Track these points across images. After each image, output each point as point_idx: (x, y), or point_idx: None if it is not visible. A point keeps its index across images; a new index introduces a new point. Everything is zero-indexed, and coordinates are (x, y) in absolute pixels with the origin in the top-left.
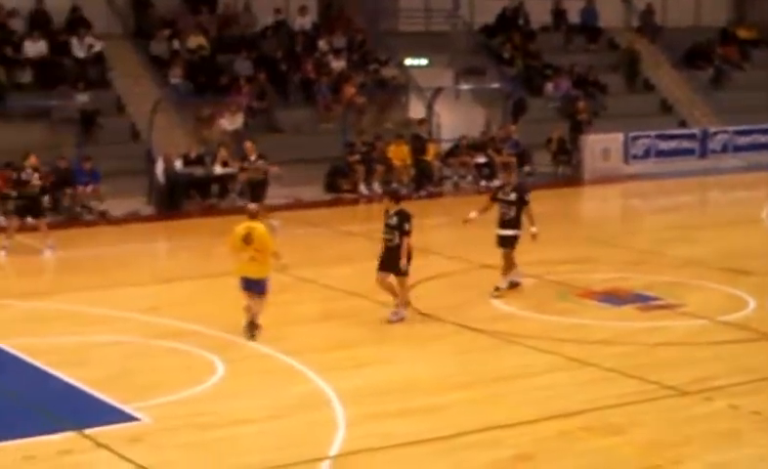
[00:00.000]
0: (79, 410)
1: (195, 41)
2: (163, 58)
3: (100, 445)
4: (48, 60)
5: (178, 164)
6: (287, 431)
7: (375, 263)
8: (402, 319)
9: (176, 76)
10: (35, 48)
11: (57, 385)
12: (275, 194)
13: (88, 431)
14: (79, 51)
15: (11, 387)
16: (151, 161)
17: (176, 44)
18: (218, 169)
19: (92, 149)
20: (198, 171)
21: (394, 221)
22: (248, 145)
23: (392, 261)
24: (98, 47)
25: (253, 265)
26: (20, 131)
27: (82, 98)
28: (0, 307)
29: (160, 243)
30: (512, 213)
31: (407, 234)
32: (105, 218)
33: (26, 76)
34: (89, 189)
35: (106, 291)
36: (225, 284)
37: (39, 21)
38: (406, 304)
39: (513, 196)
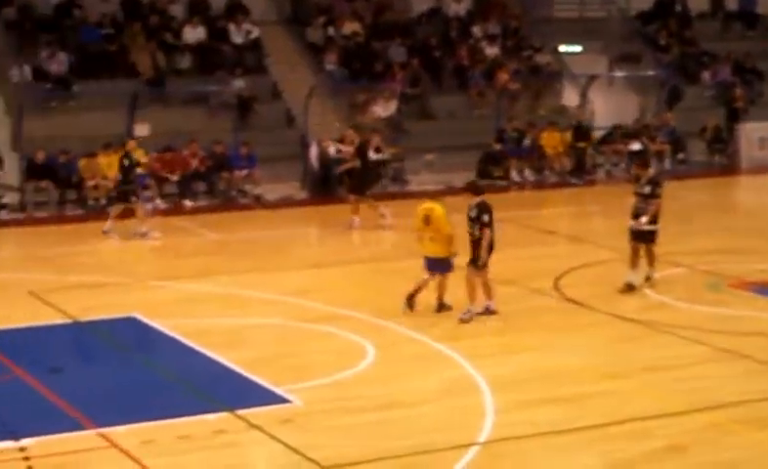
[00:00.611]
0: (233, 392)
1: (351, 28)
2: (319, 44)
3: (252, 425)
4: (206, 46)
5: (332, 150)
6: (436, 416)
7: (522, 250)
8: (471, 319)
9: (331, 63)
10: (194, 34)
11: (211, 366)
12: (428, 181)
13: (241, 412)
14: (237, 37)
15: (167, 367)
16: (306, 147)
17: (331, 31)
18: (371, 154)
19: (248, 135)
20: None
21: (474, 213)
22: (348, 132)
23: (473, 254)
24: (255, 33)
25: (432, 244)
26: (178, 116)
27: (239, 83)
28: (156, 288)
29: (313, 228)
30: (648, 207)
31: (487, 225)
32: (259, 202)
33: (185, 62)
34: (244, 173)
35: (259, 274)
36: (376, 269)
37: (198, 8)
38: (491, 296)
39: (647, 189)
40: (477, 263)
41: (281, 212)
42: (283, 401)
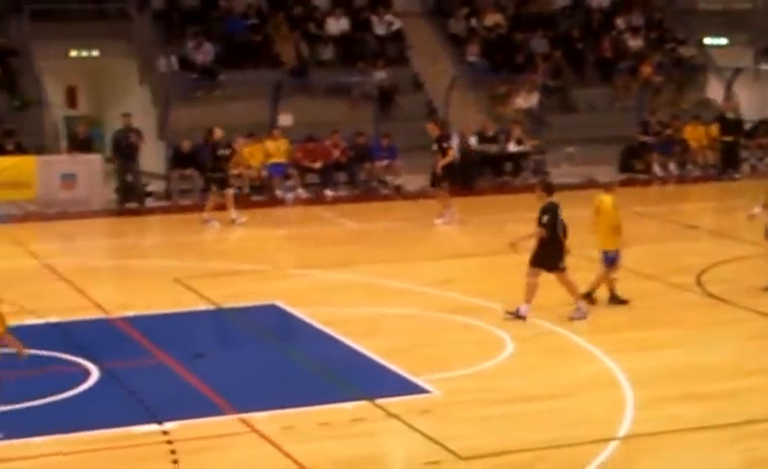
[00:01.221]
0: (371, 380)
1: (493, 19)
2: (461, 36)
3: (390, 414)
4: (349, 37)
5: (472, 141)
6: (574, 410)
7: (664, 245)
8: (583, 316)
9: (473, 54)
10: (337, 25)
11: (350, 355)
12: (567, 173)
13: (379, 401)
14: (379, 28)
15: (308, 355)
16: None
17: (474, 22)
18: (512, 147)
19: (389, 126)
20: (492, 148)
21: (539, 213)
22: (430, 125)
23: (539, 256)
24: (397, 25)
25: (597, 237)
26: (321, 106)
27: (381, 75)
28: (297, 276)
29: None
30: None
31: (544, 226)
32: (399, 192)
33: (328, 53)
34: (385, 163)
35: (399, 264)
36: (517, 261)
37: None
38: (577, 297)
39: None
40: (550, 267)
41: (421, 203)
42: (422, 391)
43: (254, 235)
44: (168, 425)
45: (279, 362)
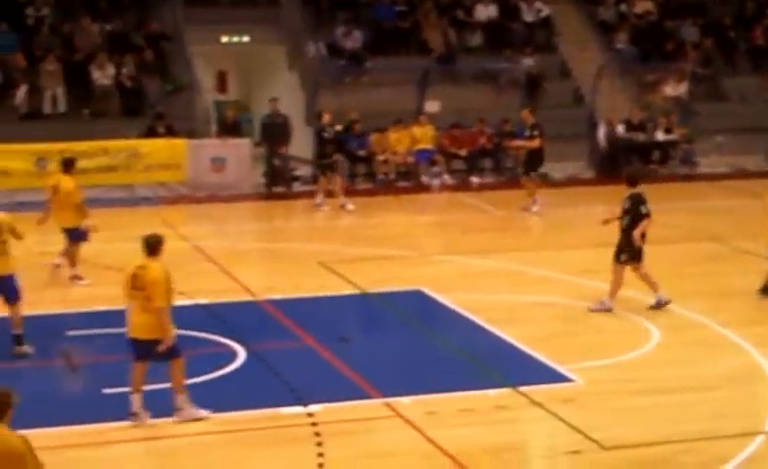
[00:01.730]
0: (515, 368)
1: (643, 6)
2: (610, 23)
3: (534, 403)
4: (497, 23)
5: (620, 129)
6: (720, 402)
7: None
8: (608, 309)
9: (621, 41)
10: (486, 12)
11: (494, 342)
12: (716, 163)
13: (523, 388)
14: (528, 15)
15: (451, 341)
16: (593, 126)
17: (623, 9)
18: (660, 135)
19: (536, 113)
20: (640, 137)
21: (626, 204)
22: (525, 113)
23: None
24: (546, 12)
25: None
26: (468, 93)
27: (528, 61)
28: (442, 263)
29: (599, 207)
30: None
31: (645, 216)
32: (545, 180)
33: (476, 39)
34: None
35: (544, 252)
36: (663, 252)
37: None
38: (611, 295)
39: None
40: (616, 257)
41: (567, 190)
42: (566, 379)
43: (399, 221)
44: (313, 407)
45: (423, 347)
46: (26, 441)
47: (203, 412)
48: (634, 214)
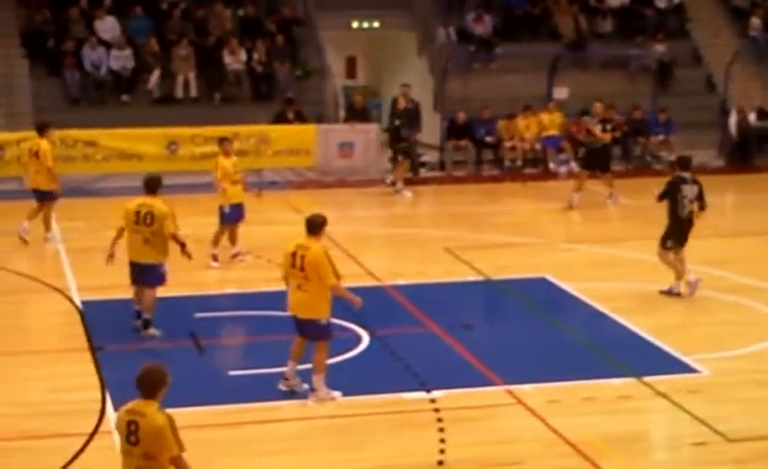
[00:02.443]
0: (639, 358)
1: None
2: (743, 9)
3: (658, 393)
4: (629, 9)
5: (752, 117)
6: None
7: None
8: (678, 294)
9: (755, 28)
10: None
11: (618, 331)
12: None
13: (647, 379)
14: (660, 1)
15: (575, 329)
16: (725, 114)
17: None
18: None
19: (666, 100)
20: None
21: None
22: (599, 105)
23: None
24: None
25: None
26: (597, 80)
27: (660, 48)
28: (568, 250)
29: (729, 196)
30: None
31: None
32: (674, 169)
33: (607, 26)
34: (661, 139)
35: None
36: None
37: None
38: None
39: None
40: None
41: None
42: (691, 370)
43: (526, 208)
44: (436, 393)
45: (547, 335)
46: (170, 419)
47: (337, 394)
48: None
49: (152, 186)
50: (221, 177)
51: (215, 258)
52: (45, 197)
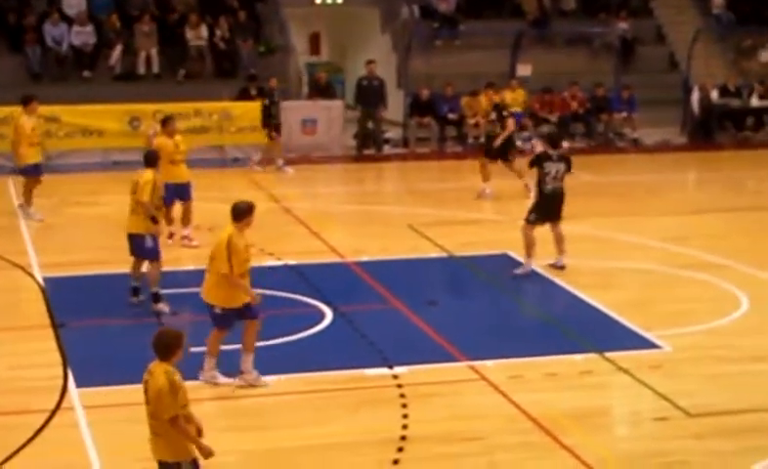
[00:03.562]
0: (601, 334)
1: None
2: None
3: (620, 368)
4: None
5: (714, 95)
6: None
7: None
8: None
9: (718, 6)
10: None
11: (580, 307)
12: None
13: (609, 354)
14: None
15: (536, 305)
16: (687, 91)
17: None
18: (755, 101)
19: (629, 77)
20: (735, 103)
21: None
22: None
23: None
24: None
25: None
26: (561, 57)
27: (623, 26)
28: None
29: (691, 174)
30: None
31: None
32: (636, 146)
33: (570, 3)
34: (624, 116)
35: (633, 218)
36: (756, 219)
37: None
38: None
39: None
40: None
41: (659, 156)
42: (653, 346)
43: (488, 185)
44: (398, 369)
45: (509, 311)
46: (171, 381)
47: (266, 380)
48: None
49: (147, 159)
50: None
51: (171, 236)
52: (27, 172)
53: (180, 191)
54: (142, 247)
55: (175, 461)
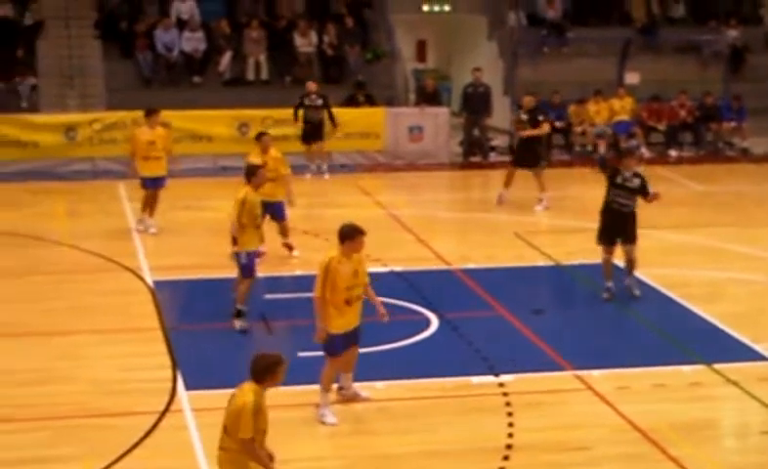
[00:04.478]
0: (710, 345)
1: None
2: None
3: (729, 381)
4: None
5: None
6: None
7: None
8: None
9: None
10: None
11: (689, 318)
12: None
13: (718, 366)
14: None
15: (645, 315)
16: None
17: None
18: None
19: (739, 86)
20: None
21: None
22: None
23: None
24: None
25: None
26: (669, 65)
27: (733, 33)
28: (641, 237)
29: None
30: None
31: None
32: (746, 155)
33: (679, 10)
34: (733, 125)
35: (743, 229)
36: None
37: None
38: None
39: None
40: None
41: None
42: (763, 358)
43: (596, 194)
44: (504, 377)
45: (617, 321)
46: (255, 404)
47: (331, 420)
48: None
49: (246, 173)
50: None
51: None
52: (145, 185)
53: (272, 210)
54: (239, 263)
55: None
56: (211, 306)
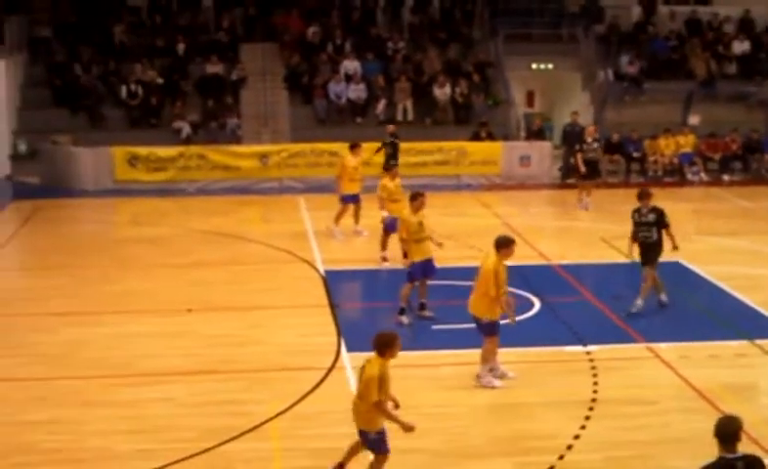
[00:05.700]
0: (752, 325)
1: None
2: None
3: (766, 352)
4: (750, 55)
5: None
6: None
7: None
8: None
9: None
10: (741, 46)
11: (736, 304)
12: None
13: (758, 341)
14: None
15: (701, 301)
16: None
17: None
18: None
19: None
20: None
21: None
22: (590, 129)
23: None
24: None
25: None
26: (723, 110)
27: None
28: (698, 241)
29: None
30: None
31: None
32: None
33: (732, 68)
34: None
35: None
36: None
37: (746, 26)
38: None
39: None
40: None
41: None
42: None
43: (665, 208)
44: (590, 347)
45: (680, 306)
46: (381, 374)
47: (498, 383)
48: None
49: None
50: (386, 196)
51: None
52: (345, 200)
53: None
54: (432, 268)
55: (368, 430)
56: (370, 290)
